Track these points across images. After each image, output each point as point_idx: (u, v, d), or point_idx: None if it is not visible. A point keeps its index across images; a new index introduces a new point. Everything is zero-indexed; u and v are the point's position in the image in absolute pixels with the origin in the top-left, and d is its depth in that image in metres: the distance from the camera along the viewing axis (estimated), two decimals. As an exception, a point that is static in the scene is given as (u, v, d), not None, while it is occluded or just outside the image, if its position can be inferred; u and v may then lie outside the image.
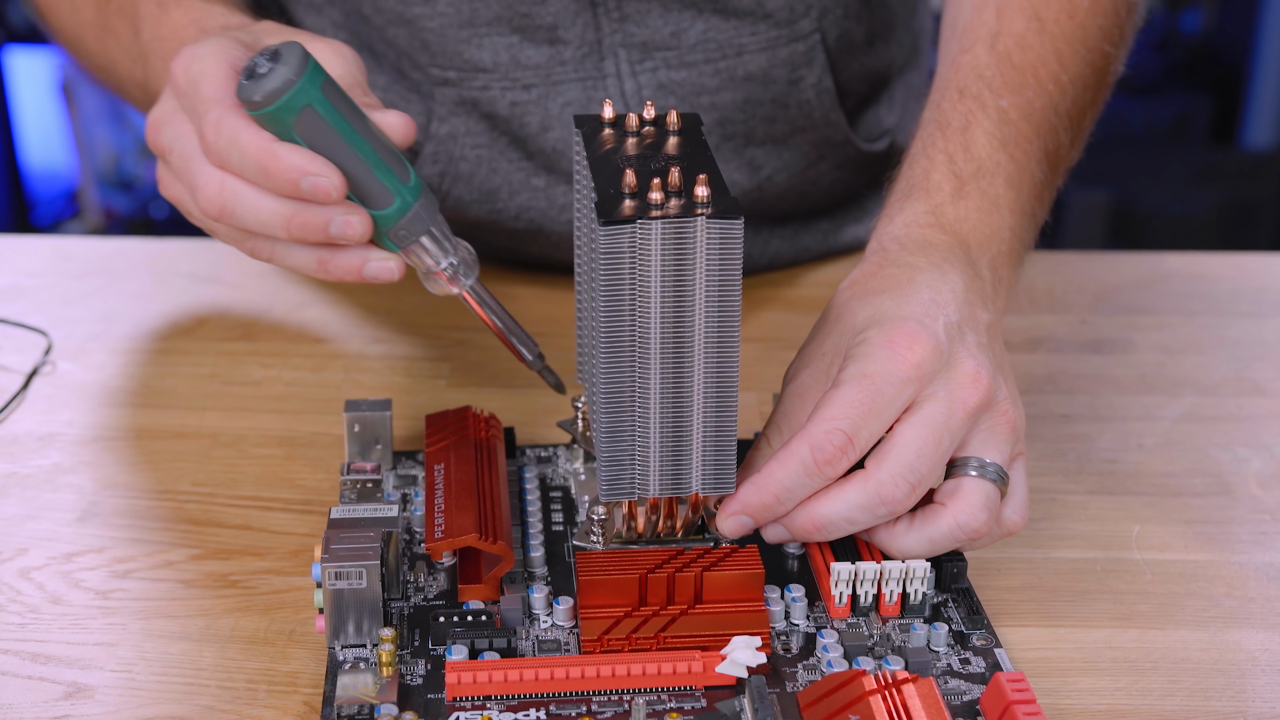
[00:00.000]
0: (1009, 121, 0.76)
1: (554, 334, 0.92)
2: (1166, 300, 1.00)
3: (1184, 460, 0.81)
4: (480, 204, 0.96)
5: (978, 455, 0.66)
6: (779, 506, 0.65)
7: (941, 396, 0.65)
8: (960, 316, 0.67)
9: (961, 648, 0.65)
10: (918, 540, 0.66)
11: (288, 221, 0.66)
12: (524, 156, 0.94)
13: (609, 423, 0.64)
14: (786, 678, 0.63)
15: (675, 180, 0.62)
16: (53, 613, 0.68)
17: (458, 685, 0.61)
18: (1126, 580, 0.72)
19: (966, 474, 0.66)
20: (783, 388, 0.69)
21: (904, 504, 0.64)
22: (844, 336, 0.68)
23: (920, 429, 0.65)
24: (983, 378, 0.66)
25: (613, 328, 0.63)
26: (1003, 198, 0.74)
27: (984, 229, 0.73)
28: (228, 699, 0.63)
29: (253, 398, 0.86)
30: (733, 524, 0.66)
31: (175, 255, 1.06)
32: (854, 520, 0.65)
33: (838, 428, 0.64)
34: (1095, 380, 0.90)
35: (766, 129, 0.95)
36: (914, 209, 0.73)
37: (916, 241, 0.71)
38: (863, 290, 0.69)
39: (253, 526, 0.75)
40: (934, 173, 0.74)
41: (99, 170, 2.60)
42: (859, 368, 0.65)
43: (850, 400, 0.64)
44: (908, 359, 0.65)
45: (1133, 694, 0.64)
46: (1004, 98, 0.77)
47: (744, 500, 0.65)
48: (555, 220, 0.95)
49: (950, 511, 0.65)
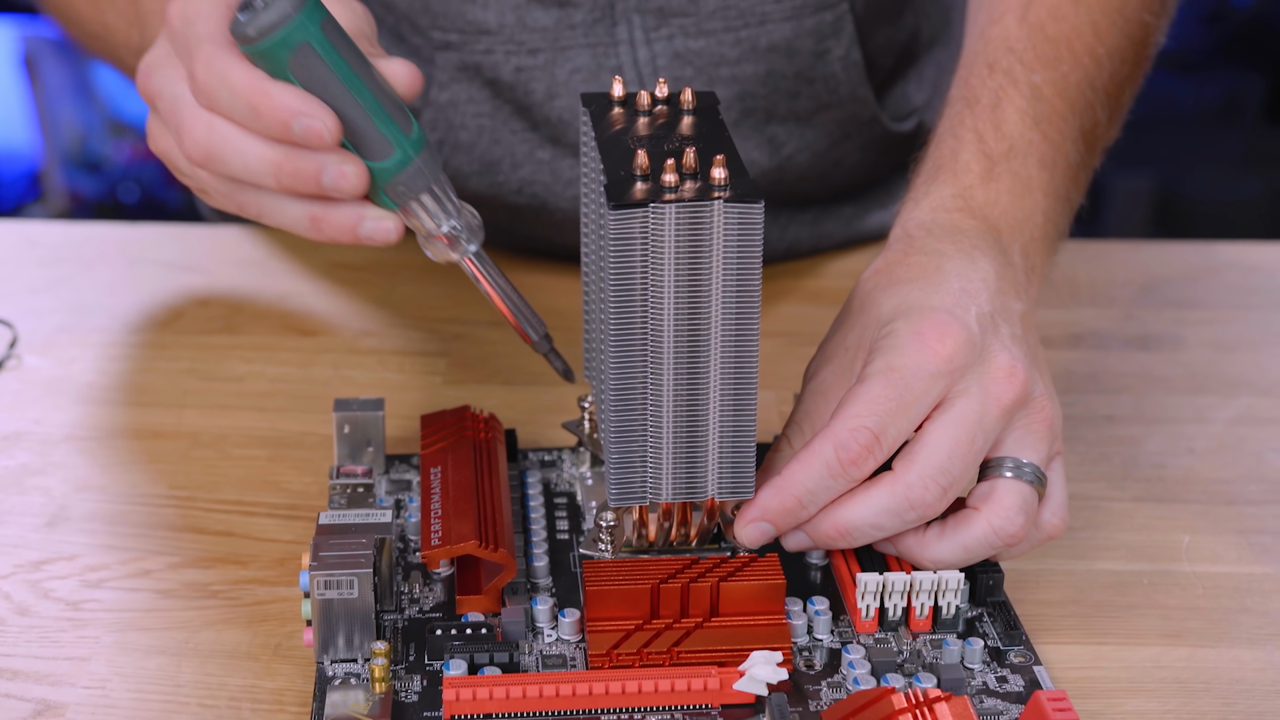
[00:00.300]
0: (1042, 98, 0.77)
1: (559, 328, 0.92)
2: (1219, 293, 1.00)
3: (1238, 465, 0.82)
4: (481, 176, 0.96)
5: (1013, 455, 0.66)
6: (801, 511, 0.65)
7: (974, 393, 0.65)
8: (993, 307, 0.68)
9: (998, 665, 0.65)
10: (950, 548, 0.66)
11: (278, 169, 0.66)
12: (528, 127, 0.95)
13: (619, 422, 0.64)
14: (809, 696, 0.63)
15: (690, 161, 0.63)
16: (19, 625, 0.69)
17: (456, 702, 0.61)
18: (1176, 594, 0.72)
19: (1001, 475, 0.66)
20: (804, 384, 0.70)
21: (935, 508, 0.65)
22: (868, 329, 0.68)
23: (952, 428, 0.65)
24: (1018, 372, 0.66)
25: (623, 320, 0.63)
26: (1035, 179, 0.74)
27: (1016, 213, 0.73)
28: (209, 718, 0.63)
29: (235, 395, 0.87)
30: (752, 531, 0.66)
31: (150, 241, 1.06)
32: (881, 526, 0.65)
33: (863, 425, 0.64)
34: (1142, 379, 0.90)
35: (789, 104, 0.95)
36: (941, 192, 0.73)
37: (944, 227, 0.71)
38: (887, 280, 0.70)
39: (235, 533, 0.75)
40: (962, 152, 0.74)
41: (64, 150, 2.60)
42: (886, 361, 0.65)
43: (876, 396, 0.65)
44: (938, 352, 0.65)
45: (1183, 716, 0.64)
46: (1037, 72, 0.77)
47: (764, 505, 0.65)
48: (560, 196, 0.96)
49: (984, 516, 0.66)
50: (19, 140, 2.67)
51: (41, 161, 2.63)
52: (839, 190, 1.03)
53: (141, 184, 2.57)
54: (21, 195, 2.65)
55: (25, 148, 2.67)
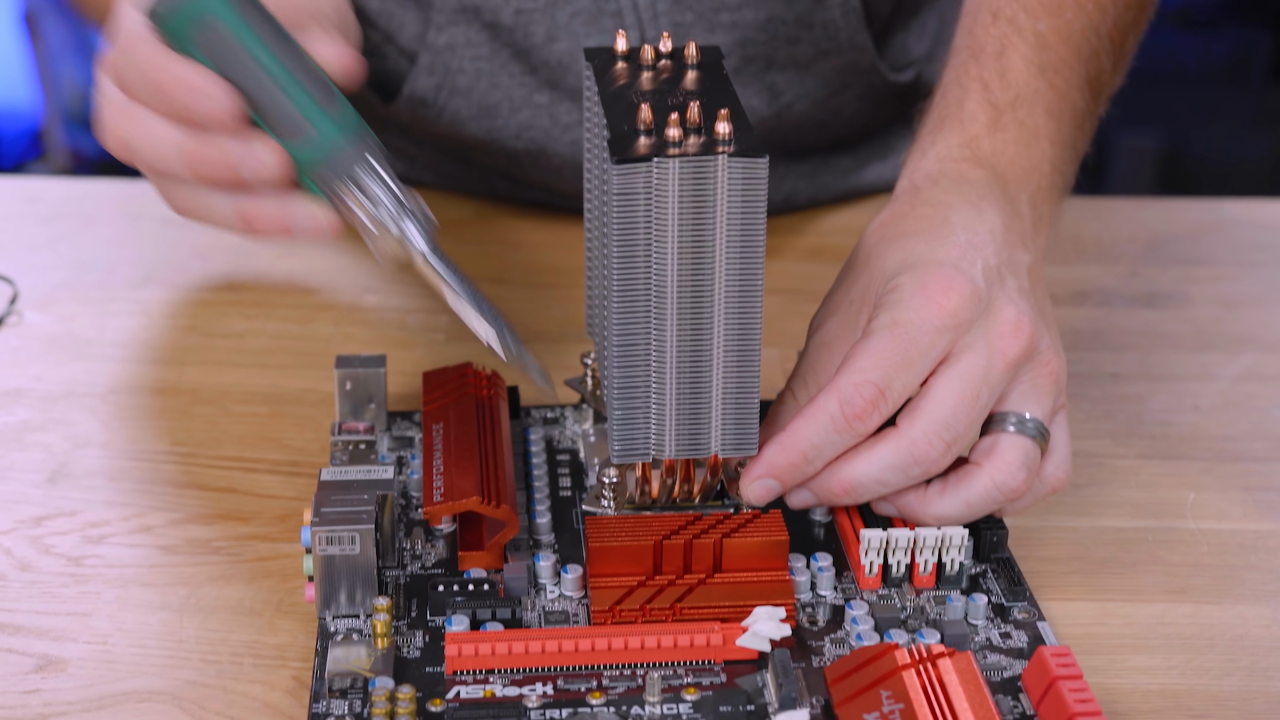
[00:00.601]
0: (1047, 45, 0.76)
1: (561, 285, 0.92)
2: (1225, 250, 1.00)
3: (1243, 423, 0.81)
4: (478, 120, 0.96)
5: (1017, 410, 0.66)
6: (807, 467, 0.65)
7: (980, 347, 0.65)
8: (999, 259, 0.67)
9: (1002, 621, 0.65)
10: (952, 504, 0.66)
11: (190, 156, 0.64)
12: (526, 71, 0.94)
13: (622, 379, 0.64)
14: (813, 652, 0.63)
15: (694, 116, 0.62)
16: (21, 580, 0.69)
17: (458, 658, 0.61)
18: (1180, 551, 0.72)
19: (1004, 430, 0.66)
20: (808, 338, 0.69)
21: (939, 464, 0.65)
22: (874, 282, 0.68)
23: (957, 383, 0.65)
24: (1024, 326, 0.66)
25: (626, 276, 0.63)
26: (1042, 128, 0.74)
27: (1023, 163, 0.73)
28: (211, 673, 0.63)
29: (235, 351, 0.87)
30: (758, 489, 0.66)
31: (150, 198, 1.04)
32: (885, 482, 0.65)
33: (868, 380, 0.64)
34: (1147, 336, 0.90)
35: (789, 51, 0.95)
36: (948, 141, 0.73)
37: (950, 177, 0.71)
38: (893, 232, 0.69)
39: (237, 489, 0.75)
40: (968, 102, 0.74)
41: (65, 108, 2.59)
42: (891, 316, 0.65)
43: (882, 350, 0.64)
44: (943, 306, 0.65)
45: (1187, 673, 0.64)
46: (1041, 20, 0.77)
47: (769, 462, 0.65)
48: (558, 141, 0.95)
49: (986, 471, 0.66)
50: (20, 98, 2.67)
51: (43, 119, 2.62)
52: (837, 139, 1.02)
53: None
54: (23, 153, 2.65)
55: (26, 105, 2.67)
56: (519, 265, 0.95)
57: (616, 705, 0.60)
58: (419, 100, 0.96)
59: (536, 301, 0.91)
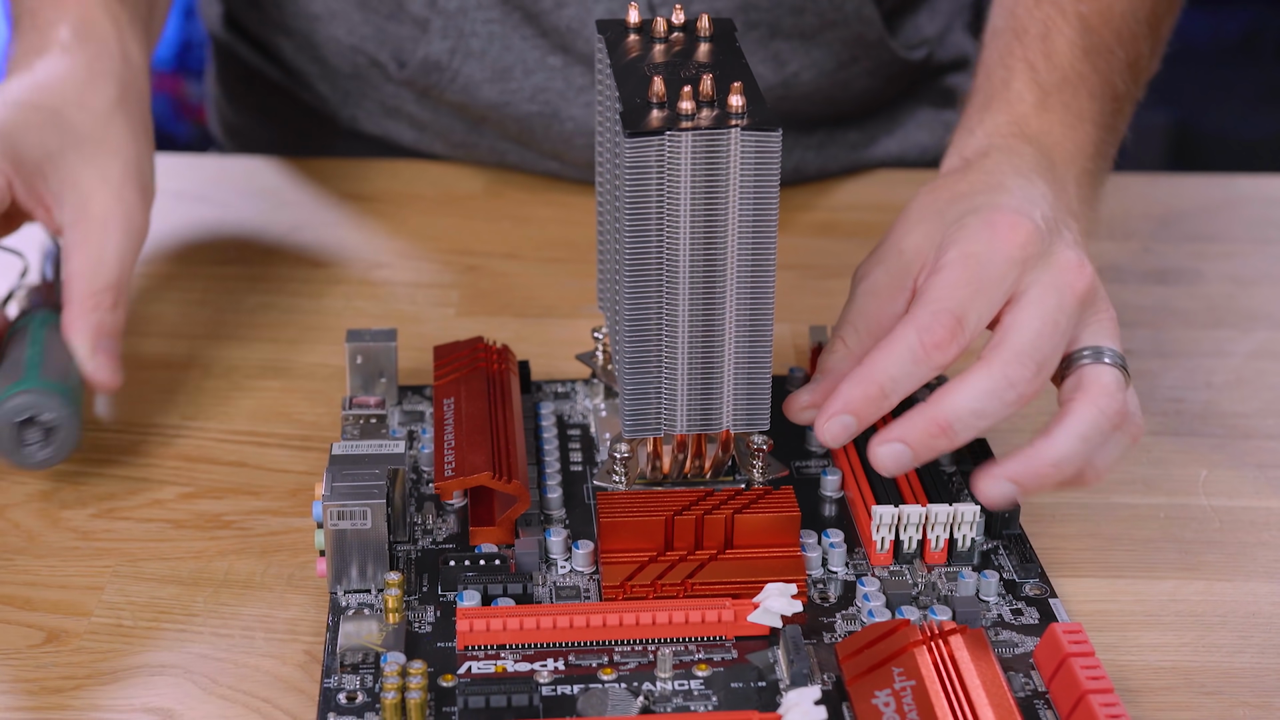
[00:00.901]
0: (1090, 29, 0.76)
1: (572, 260, 0.92)
2: (1237, 227, 0.99)
3: (1256, 400, 0.81)
4: (492, 84, 0.96)
5: (1092, 344, 0.66)
6: (884, 401, 0.63)
7: (1047, 281, 0.65)
8: (1055, 214, 0.68)
9: (1013, 598, 0.65)
10: (1066, 443, 0.63)
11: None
12: (538, 34, 0.94)
13: (633, 353, 0.64)
14: (824, 628, 0.63)
15: (708, 89, 0.62)
16: (33, 553, 0.69)
17: (470, 633, 0.61)
18: (1193, 528, 0.71)
19: (1083, 364, 0.65)
20: (853, 287, 0.68)
21: (1032, 384, 0.63)
22: (930, 236, 0.67)
23: (1033, 308, 0.64)
24: (1086, 265, 0.66)
25: (638, 250, 0.62)
26: (1087, 111, 0.74)
27: (1069, 144, 0.73)
28: (222, 647, 0.63)
29: (246, 326, 0.86)
30: (834, 427, 0.63)
31: (162, 172, 1.04)
32: (982, 412, 0.63)
33: (945, 308, 0.63)
34: (1160, 313, 0.89)
35: (794, 20, 0.95)
36: (995, 120, 0.73)
37: (1000, 150, 0.71)
38: (949, 194, 0.69)
39: (248, 463, 0.75)
40: (1014, 82, 0.74)
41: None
42: (960, 250, 0.65)
43: (956, 281, 0.64)
44: (1011, 239, 0.65)
45: (1199, 649, 0.64)
46: (1084, 3, 0.77)
47: (846, 397, 0.63)
48: (572, 103, 0.95)
49: (1084, 401, 0.63)
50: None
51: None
52: (844, 114, 1.02)
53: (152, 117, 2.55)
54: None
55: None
56: (530, 240, 0.95)
57: (628, 681, 0.60)
58: (432, 65, 0.96)
59: (547, 276, 0.91)
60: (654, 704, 0.59)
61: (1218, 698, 0.61)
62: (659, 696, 0.59)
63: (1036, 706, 0.59)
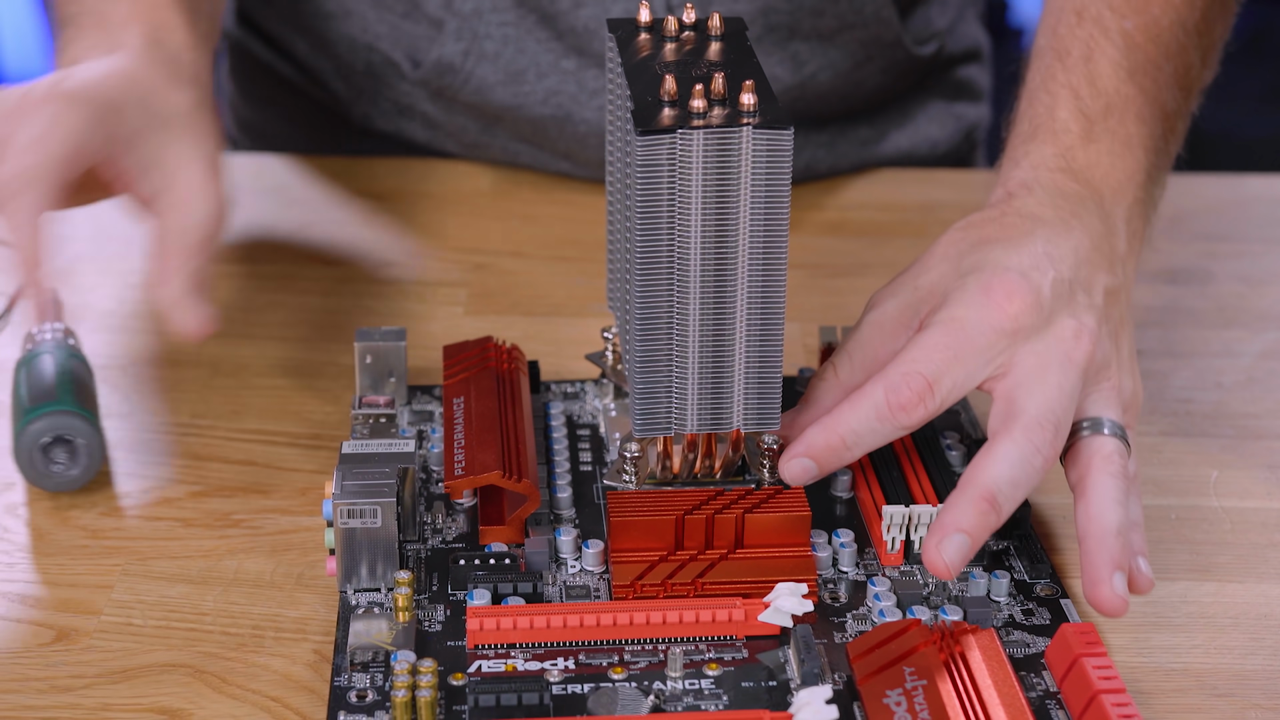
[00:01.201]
0: (1135, 46, 0.75)
1: (581, 258, 0.92)
2: (1248, 226, 0.99)
3: (1267, 400, 0.81)
4: (505, 86, 0.95)
5: (1091, 416, 0.66)
6: (845, 453, 0.65)
7: (1043, 352, 0.65)
8: (1074, 275, 0.67)
9: (1024, 598, 0.65)
10: (1105, 508, 0.63)
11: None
12: (553, 36, 0.94)
13: (644, 352, 0.64)
14: (835, 628, 0.63)
15: (719, 87, 0.62)
16: (41, 551, 0.69)
17: (480, 632, 0.61)
18: (1204, 530, 0.71)
19: (1082, 436, 0.65)
20: (863, 313, 0.68)
21: (1054, 448, 0.63)
22: (945, 279, 0.67)
23: (1034, 381, 0.64)
24: (1084, 334, 0.65)
25: (649, 248, 0.62)
26: (1135, 136, 0.73)
27: (1117, 175, 0.72)
28: (232, 645, 0.63)
29: (255, 324, 0.86)
30: (795, 468, 0.65)
31: (169, 170, 1.05)
32: (1017, 481, 0.62)
33: (918, 371, 0.63)
34: (1170, 313, 0.89)
35: (813, 22, 0.94)
36: (1041, 152, 0.72)
37: (1046, 187, 0.70)
38: (977, 236, 0.69)
39: (257, 462, 0.75)
40: (1059, 110, 0.73)
41: (82, 81, 2.59)
42: (949, 312, 0.65)
43: (935, 344, 0.64)
44: (1004, 309, 0.64)
45: (1210, 651, 0.64)
46: (1127, 18, 0.75)
47: (809, 442, 0.64)
48: (585, 106, 0.95)
49: (1096, 474, 0.64)
50: (35, 69, 2.66)
51: (59, 92, 2.61)
52: (855, 110, 1.02)
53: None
54: (39, 126, 2.64)
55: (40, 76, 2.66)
56: (539, 239, 0.95)
57: (638, 680, 0.60)
58: (446, 66, 0.96)
59: (557, 275, 0.91)
60: (664, 703, 0.59)
61: (1229, 700, 0.61)
62: (669, 696, 0.59)
63: (1048, 707, 0.59)
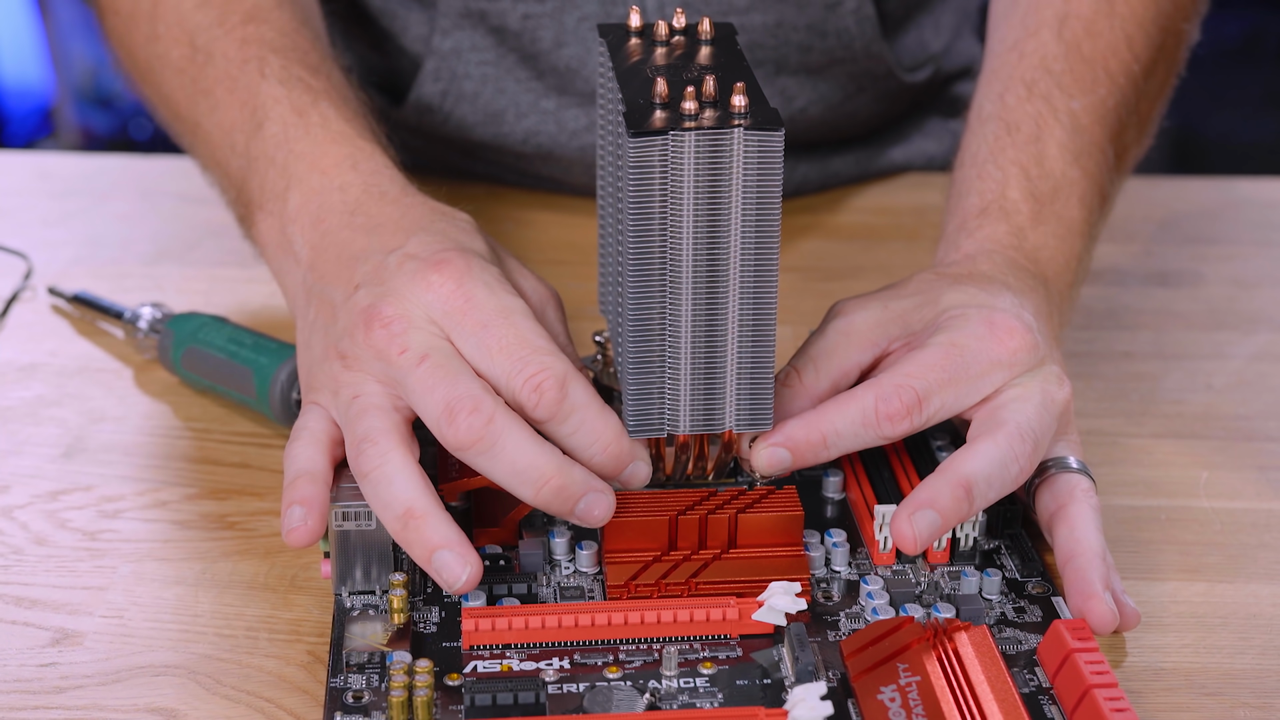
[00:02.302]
0: (1081, 129, 0.76)
1: (573, 262, 0.92)
2: (1238, 229, 1.00)
3: (1257, 402, 0.81)
4: (485, 126, 0.95)
5: (1055, 456, 0.67)
6: (823, 451, 0.65)
7: (1032, 385, 0.66)
8: (1043, 337, 0.68)
9: (1016, 596, 0.65)
10: (1092, 537, 0.65)
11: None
12: (533, 76, 0.94)
13: (636, 353, 0.64)
14: (828, 626, 0.63)
15: (710, 90, 0.62)
16: (37, 554, 0.69)
17: (475, 633, 0.61)
18: (1194, 530, 0.72)
19: (1049, 473, 0.67)
20: (826, 321, 0.69)
21: (1029, 462, 0.64)
22: (923, 310, 0.68)
23: (1021, 401, 0.65)
24: (1066, 383, 0.67)
25: (641, 249, 0.63)
26: (1076, 221, 0.75)
27: (1059, 259, 0.74)
28: (226, 647, 0.64)
29: (251, 326, 0.86)
30: (767, 456, 0.65)
31: (163, 174, 1.06)
32: (992, 480, 0.64)
33: (911, 385, 0.64)
34: (1161, 315, 0.90)
35: (801, 57, 0.95)
36: (995, 228, 0.74)
37: (1000, 261, 0.72)
38: (951, 276, 0.70)
39: (251, 464, 0.75)
40: (1010, 190, 0.74)
41: (76, 86, 2.59)
42: (951, 336, 0.66)
43: (932, 363, 0.65)
44: (1005, 344, 0.66)
45: (1200, 651, 0.64)
46: (1075, 98, 0.77)
47: (789, 433, 0.65)
48: (566, 146, 0.95)
49: (1076, 505, 0.66)
50: (31, 76, 2.66)
51: (53, 97, 2.62)
52: (849, 136, 1.02)
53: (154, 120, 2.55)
54: (34, 131, 2.65)
55: (37, 83, 2.67)
56: (532, 242, 0.95)
57: (633, 679, 0.60)
58: (425, 106, 0.96)
59: (550, 278, 0.90)
60: (660, 701, 0.59)
61: (1218, 699, 0.62)
62: (665, 694, 0.59)
63: (1041, 702, 0.59)
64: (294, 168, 0.73)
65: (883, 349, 0.68)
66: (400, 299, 0.64)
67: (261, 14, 0.79)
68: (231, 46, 0.78)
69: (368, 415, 0.63)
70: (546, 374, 0.62)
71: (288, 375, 0.75)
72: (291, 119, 0.74)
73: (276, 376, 0.75)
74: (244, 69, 0.77)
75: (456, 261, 0.64)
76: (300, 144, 0.73)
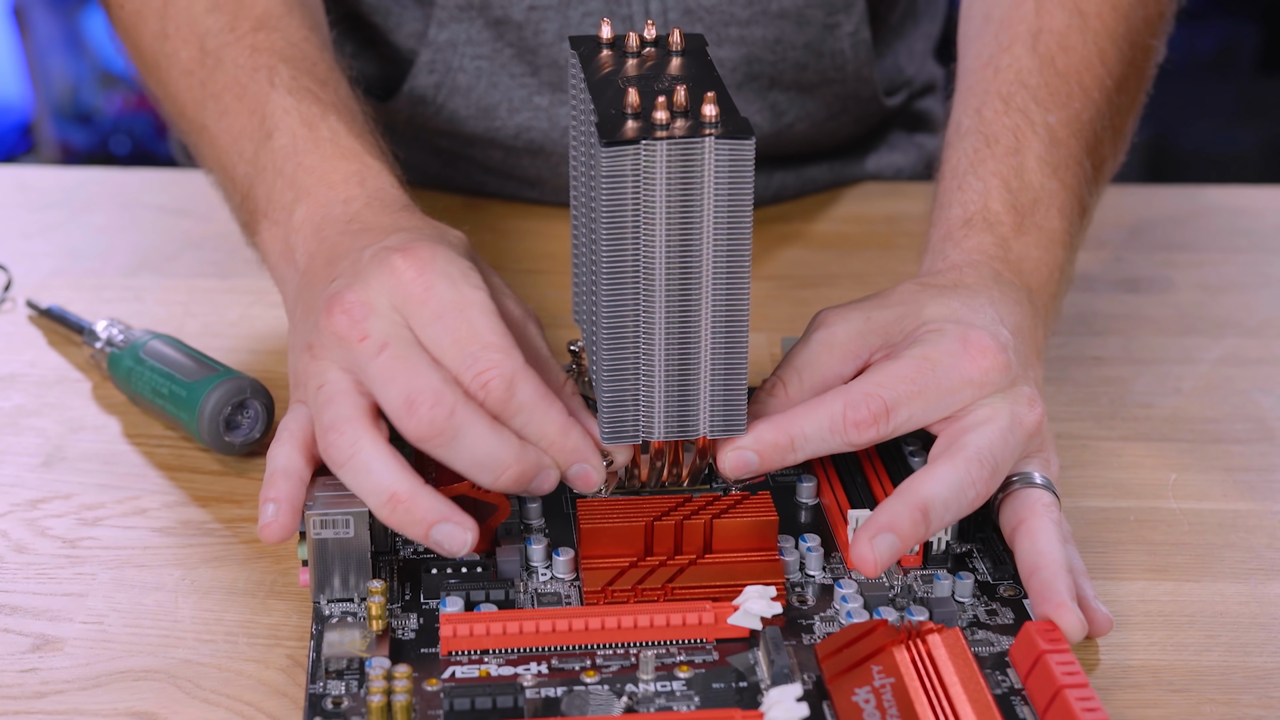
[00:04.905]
0: (1058, 142, 0.77)
1: (551, 271, 0.93)
2: (1207, 236, 1.01)
3: (1225, 405, 0.82)
4: (477, 120, 0.96)
5: (1020, 471, 0.68)
6: (790, 454, 0.66)
7: (1001, 406, 0.66)
8: (1020, 357, 0.68)
9: (988, 599, 0.66)
10: (1053, 548, 0.65)
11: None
12: (528, 72, 0.94)
13: (611, 361, 0.65)
14: (803, 630, 0.64)
15: (681, 100, 0.63)
16: (17, 562, 0.69)
17: (453, 638, 0.62)
18: (1162, 531, 0.72)
19: (1012, 488, 0.67)
20: (808, 332, 0.70)
21: (987, 487, 0.65)
22: (904, 321, 0.68)
23: (987, 424, 0.66)
24: (1037, 404, 0.67)
25: (615, 258, 0.63)
26: (1057, 232, 0.75)
27: (1043, 269, 0.74)
28: (206, 652, 0.64)
29: (230, 337, 0.87)
30: (734, 459, 0.66)
31: (142, 186, 1.06)
32: (949, 504, 0.64)
33: (879, 395, 0.65)
34: (1130, 320, 0.90)
35: (796, 75, 0.95)
36: (980, 239, 0.74)
37: (985, 272, 0.72)
38: (936, 288, 0.70)
39: (230, 472, 0.76)
40: (991, 201, 0.75)
41: (55, 102, 2.59)
42: (924, 350, 0.66)
43: (903, 375, 0.65)
44: (978, 362, 0.66)
45: (1168, 649, 0.65)
46: (1051, 112, 0.77)
47: (756, 436, 0.66)
48: (557, 143, 0.96)
49: (1036, 519, 0.66)
50: (10, 92, 2.66)
51: (32, 113, 2.62)
52: (824, 151, 1.03)
53: (133, 135, 2.56)
54: (13, 147, 2.65)
55: (16, 99, 2.66)
56: (509, 252, 0.96)
57: (611, 683, 0.60)
58: (418, 98, 0.96)
59: (527, 288, 0.92)
60: (637, 704, 0.59)
61: (1185, 695, 0.62)
62: (642, 697, 0.60)
63: (1013, 703, 0.60)
64: (302, 181, 0.73)
65: (865, 360, 0.68)
66: (365, 285, 0.64)
67: (272, 21, 0.79)
68: (242, 53, 0.78)
69: (333, 403, 0.63)
70: (493, 372, 0.62)
71: (213, 406, 0.74)
72: (301, 131, 0.75)
73: (201, 410, 0.75)
74: (254, 77, 0.77)
75: (422, 250, 0.65)
76: (309, 157, 0.74)
